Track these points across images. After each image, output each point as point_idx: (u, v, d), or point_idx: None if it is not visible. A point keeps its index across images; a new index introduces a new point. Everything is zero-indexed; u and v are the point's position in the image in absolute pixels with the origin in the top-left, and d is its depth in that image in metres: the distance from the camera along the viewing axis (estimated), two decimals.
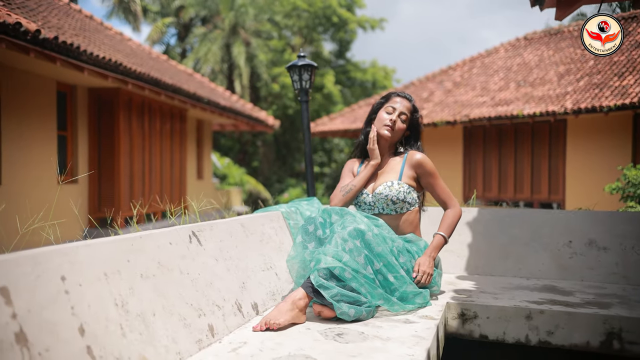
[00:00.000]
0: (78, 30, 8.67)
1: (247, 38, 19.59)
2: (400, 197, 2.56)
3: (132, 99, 9.37)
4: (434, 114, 14.22)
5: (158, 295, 1.64)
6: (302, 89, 4.14)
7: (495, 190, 13.92)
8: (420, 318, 2.16)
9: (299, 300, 2.03)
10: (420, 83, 17.01)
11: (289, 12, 19.53)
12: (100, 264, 1.46)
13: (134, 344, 1.46)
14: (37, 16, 7.46)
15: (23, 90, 7.65)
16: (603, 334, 2.23)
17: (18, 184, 7.58)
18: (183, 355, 1.63)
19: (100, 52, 7.56)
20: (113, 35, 11.21)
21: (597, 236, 2.93)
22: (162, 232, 1.80)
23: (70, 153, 8.80)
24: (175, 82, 9.28)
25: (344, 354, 1.72)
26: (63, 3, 11.19)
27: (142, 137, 9.72)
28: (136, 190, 9.42)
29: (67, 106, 8.73)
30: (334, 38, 20.59)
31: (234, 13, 19.26)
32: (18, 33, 5.91)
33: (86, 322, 1.33)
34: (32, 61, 6.94)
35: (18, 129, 7.57)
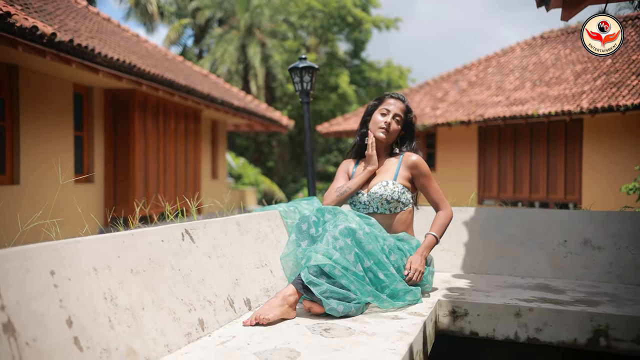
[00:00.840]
0: (94, 33, 8.83)
1: (263, 39, 19.73)
2: (395, 197, 2.61)
3: (147, 100, 9.52)
4: (448, 114, 14.19)
5: (148, 289, 1.72)
6: (303, 91, 4.22)
7: (510, 190, 13.84)
8: (408, 315, 2.21)
9: (289, 296, 2.10)
10: (435, 83, 16.98)
11: (304, 12, 19.61)
12: (89, 260, 1.54)
13: (122, 335, 1.54)
14: (54, 20, 7.63)
15: (41, 92, 7.83)
16: (590, 331, 2.27)
17: (35, 184, 7.76)
18: (171, 347, 1.71)
19: (115, 54, 7.70)
20: (129, 37, 11.39)
21: (592, 236, 2.95)
22: (154, 230, 1.88)
23: (87, 153, 8.98)
24: (189, 83, 9.41)
25: (327, 347, 1.78)
26: (81, 6, 11.40)
27: (157, 137, 9.87)
28: (151, 189, 9.57)
29: (84, 107, 8.91)
30: (348, 38, 20.63)
31: (249, 14, 19.41)
32: (34, 36, 6.07)
33: (74, 314, 1.41)
34: (49, 63, 7.10)
35: (36, 130, 7.75)
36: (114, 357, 1.48)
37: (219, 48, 19.26)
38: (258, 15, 19.56)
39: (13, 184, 7.55)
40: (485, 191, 14.50)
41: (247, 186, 15.84)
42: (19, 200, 7.30)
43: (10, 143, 7.52)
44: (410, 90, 17.13)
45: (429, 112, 14.87)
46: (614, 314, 2.25)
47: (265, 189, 16.18)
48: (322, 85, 19.96)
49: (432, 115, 14.61)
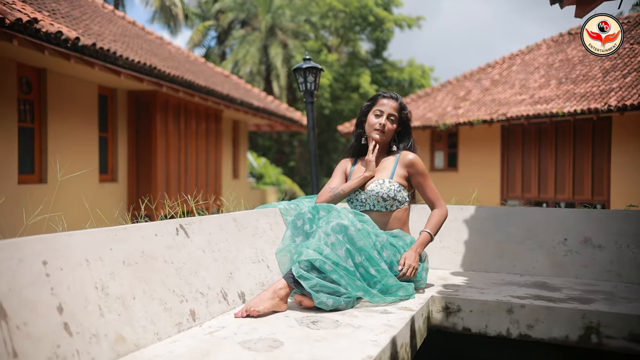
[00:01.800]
0: (118, 36, 9.06)
1: (285, 39, 19.87)
2: (391, 194, 2.66)
3: (169, 101, 9.72)
4: (470, 113, 14.10)
5: (140, 281, 1.81)
6: (307, 91, 4.30)
7: (534, 190, 13.68)
8: (398, 309, 2.27)
9: (280, 289, 2.18)
10: (457, 82, 16.88)
11: (325, 12, 19.69)
12: (82, 251, 1.64)
13: (112, 323, 1.63)
14: (80, 24, 7.86)
15: (68, 94, 8.08)
16: (582, 328, 2.29)
17: (62, 183, 7.99)
18: (161, 335, 1.80)
19: (136, 56, 7.90)
20: (153, 39, 11.63)
21: (593, 234, 2.96)
22: (148, 225, 1.97)
23: (111, 153, 9.21)
24: (209, 84, 9.57)
25: (310, 338, 1.85)
26: (107, 10, 11.69)
27: (178, 137, 10.06)
28: (172, 188, 9.77)
29: (108, 108, 9.15)
30: (370, 37, 20.63)
31: (271, 15, 19.57)
32: (59, 41, 6.29)
33: (65, 302, 1.51)
34: (74, 66, 7.32)
35: (62, 131, 8.00)
36: (103, 343, 1.57)
37: (241, 49, 19.47)
38: (280, 16, 19.71)
39: (41, 182, 7.81)
40: (508, 191, 14.37)
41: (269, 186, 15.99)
42: (47, 198, 7.53)
43: (39, 144, 7.78)
44: (432, 90, 17.06)
45: (451, 111, 14.81)
46: (606, 312, 2.27)
47: (287, 189, 16.30)
48: (344, 85, 20.01)
49: (454, 114, 14.54)
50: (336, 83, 19.67)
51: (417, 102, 16.54)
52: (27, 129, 7.61)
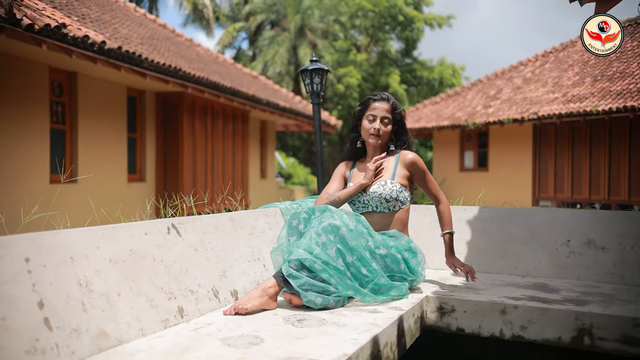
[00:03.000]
0: (146, 39, 9.27)
1: (314, 40, 19.95)
2: (394, 195, 2.68)
3: (195, 102, 9.89)
4: (500, 112, 13.91)
5: (127, 278, 1.88)
6: (313, 92, 4.33)
7: (567, 191, 13.39)
8: (388, 309, 2.29)
9: (269, 288, 2.22)
10: (488, 80, 16.65)
11: (355, 12, 19.67)
12: (66, 249, 1.72)
13: (95, 318, 1.70)
14: (108, 28, 8.08)
15: (97, 96, 8.32)
16: (574, 329, 2.27)
17: (92, 183, 8.23)
18: (146, 331, 1.86)
19: (162, 58, 8.07)
20: (182, 42, 11.84)
21: (596, 236, 2.91)
22: (138, 224, 2.04)
23: (139, 154, 9.43)
24: (235, 85, 9.70)
25: (292, 335, 1.89)
26: (139, 14, 11.96)
27: (205, 137, 10.23)
28: (199, 188, 9.94)
29: (137, 110, 9.37)
30: (400, 37, 20.52)
31: (300, 16, 19.68)
32: (86, 45, 6.48)
33: (46, 298, 1.58)
34: (103, 69, 7.52)
35: (92, 132, 8.23)
36: (84, 337, 1.64)
37: (271, 50, 19.63)
38: (309, 17, 19.80)
39: (72, 182, 8.05)
40: (540, 192, 14.11)
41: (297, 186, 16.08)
42: (77, 197, 7.76)
43: (70, 145, 8.03)
44: (462, 89, 16.88)
45: (481, 110, 14.62)
46: (599, 313, 2.24)
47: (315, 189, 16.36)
48: (373, 85, 19.96)
49: (484, 113, 14.36)
50: (365, 83, 19.64)
51: (446, 102, 16.40)
52: (58, 131, 7.86)
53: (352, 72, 18.54)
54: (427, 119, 15.64)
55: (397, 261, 2.49)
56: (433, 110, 16.24)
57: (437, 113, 15.87)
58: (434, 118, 15.49)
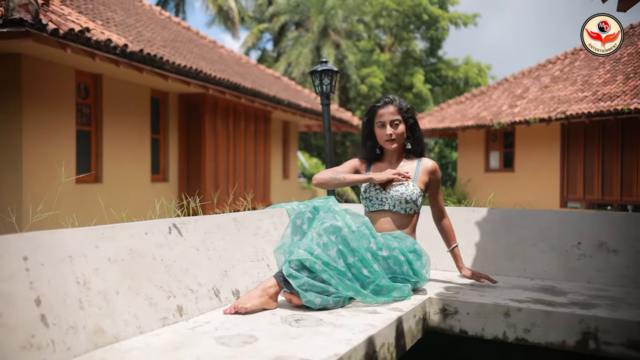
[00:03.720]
0: (169, 42, 9.41)
1: (337, 40, 19.97)
2: (414, 198, 2.70)
3: (217, 103, 10.00)
4: (526, 112, 13.70)
5: (125, 277, 1.92)
6: (323, 93, 4.34)
7: (597, 192, 13.11)
8: (388, 310, 2.29)
9: (269, 287, 2.24)
10: (514, 79, 16.41)
11: (379, 12, 19.61)
12: (65, 248, 1.76)
13: (91, 316, 1.75)
14: (131, 31, 8.23)
15: (122, 98, 8.48)
16: (579, 333, 2.24)
17: (116, 183, 8.40)
18: (144, 329, 1.90)
19: (184, 60, 8.18)
20: (205, 43, 11.98)
21: (608, 238, 2.86)
22: (138, 223, 2.08)
23: (163, 154, 9.58)
24: (256, 86, 9.78)
25: (287, 335, 1.91)
26: (163, 17, 12.14)
27: (227, 138, 10.33)
28: (221, 188, 10.04)
29: (160, 111, 9.52)
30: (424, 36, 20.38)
31: (323, 16, 19.71)
32: (109, 48, 6.62)
33: (43, 295, 1.63)
34: (126, 72, 7.66)
35: (117, 133, 8.40)
36: (81, 334, 1.69)
37: (294, 51, 19.71)
38: (332, 17, 19.82)
39: (97, 182, 8.23)
40: (569, 193, 13.85)
41: None
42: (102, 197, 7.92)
43: (95, 145, 8.20)
44: (488, 88, 16.69)
45: (506, 110, 14.43)
46: (604, 317, 2.21)
47: (338, 189, 16.36)
48: (397, 85, 19.87)
49: (510, 113, 14.17)
50: (389, 83, 19.56)
51: (471, 101, 16.24)
52: (84, 132, 8.03)
53: (375, 72, 18.49)
54: (451, 118, 15.50)
55: (399, 263, 2.49)
56: (457, 110, 16.09)
57: (461, 113, 15.72)
58: (459, 118, 15.35)
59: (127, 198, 8.00)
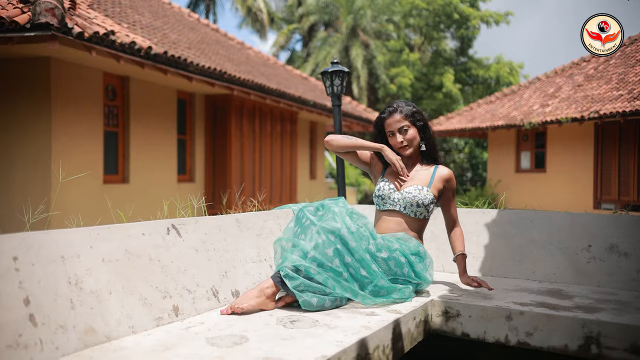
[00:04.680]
0: (195, 43, 9.52)
1: (366, 40, 19.90)
2: (426, 202, 2.67)
3: (243, 104, 10.07)
4: (558, 111, 13.40)
5: (119, 277, 1.95)
6: (334, 94, 4.32)
7: (633, 193, 12.75)
8: (387, 312, 2.27)
9: (267, 288, 2.25)
10: (547, 78, 16.08)
11: (408, 11, 19.46)
12: (57, 249, 1.80)
13: (82, 315, 1.78)
14: (157, 34, 8.36)
15: (148, 99, 8.62)
16: (582, 337, 2.18)
17: (143, 183, 8.54)
18: (136, 329, 1.93)
19: (208, 62, 8.27)
20: (233, 45, 12.08)
21: (619, 241, 2.78)
22: (136, 224, 2.11)
23: (189, 155, 9.70)
24: (282, 87, 9.82)
25: (278, 336, 1.91)
26: (192, 19, 12.30)
27: (253, 138, 10.40)
28: (247, 188, 10.12)
29: (187, 112, 9.65)
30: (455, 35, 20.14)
31: (352, 16, 19.67)
32: (133, 50, 6.74)
33: (33, 295, 1.66)
34: (152, 73, 7.79)
35: (144, 134, 8.54)
36: (70, 333, 1.72)
37: (322, 51, 19.74)
38: (361, 17, 19.77)
39: (124, 182, 8.38)
40: (602, 194, 13.50)
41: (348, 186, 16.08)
42: (129, 197, 8.08)
43: (122, 146, 8.36)
44: (519, 87, 16.39)
45: (538, 110, 14.15)
46: (607, 322, 2.15)
47: (366, 190, 16.30)
48: (426, 85, 19.68)
49: (541, 112, 13.88)
50: (418, 83, 19.39)
51: (501, 101, 15.98)
52: (111, 133, 8.20)
53: (404, 71, 18.36)
54: (481, 118, 15.28)
55: (400, 264, 2.46)
56: (487, 109, 15.85)
57: (491, 112, 15.49)
58: (488, 118, 15.11)
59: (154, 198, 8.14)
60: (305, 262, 2.23)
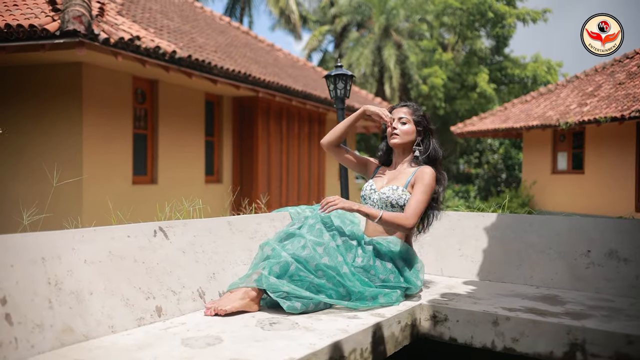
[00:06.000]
0: (223, 47, 9.66)
1: (399, 40, 19.78)
2: (400, 203, 2.65)
3: (270, 106, 10.17)
4: (597, 110, 13.02)
5: (101, 278, 2.02)
6: (337, 97, 4.32)
7: None
8: (370, 315, 2.27)
9: (251, 290, 2.28)
10: (585, 76, 15.63)
11: (442, 10, 19.23)
12: (38, 250, 1.87)
13: (61, 315, 1.85)
14: (184, 38, 8.52)
15: (177, 102, 8.80)
16: (567, 344, 2.14)
17: (171, 184, 8.72)
18: (116, 329, 1.99)
19: (233, 65, 8.38)
20: (262, 47, 12.20)
21: (619, 246, 2.71)
22: (121, 227, 2.18)
23: (217, 156, 9.85)
24: (308, 89, 9.87)
25: (252, 338, 1.94)
26: (223, 22, 12.47)
27: (280, 140, 10.48)
28: (273, 189, 10.20)
29: (215, 114, 9.80)
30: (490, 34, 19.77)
31: (385, 16, 19.58)
32: (158, 55, 6.89)
33: (10, 295, 1.74)
34: (180, 77, 7.95)
35: (172, 136, 8.72)
36: (47, 332, 1.79)
37: (355, 52, 19.71)
38: (394, 17, 19.66)
39: (152, 183, 8.58)
40: None
41: None
42: (157, 197, 8.26)
43: (151, 148, 8.56)
44: (556, 86, 15.99)
45: (575, 109, 13.78)
46: (593, 329, 2.10)
47: None
48: (460, 85, 19.40)
49: (579, 112, 13.51)
50: (451, 83, 19.13)
51: (537, 100, 15.63)
52: (141, 135, 8.40)
53: (437, 72, 18.15)
54: (515, 118, 14.99)
55: (387, 270, 2.47)
56: (522, 109, 15.53)
57: (526, 112, 15.17)
58: (523, 118, 14.81)
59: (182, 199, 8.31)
60: (285, 282, 2.25)
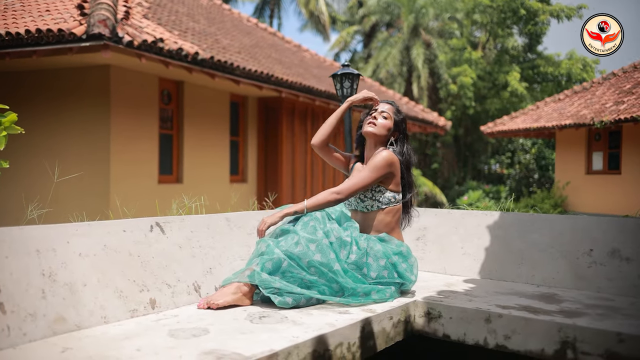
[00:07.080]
0: (247, 48, 9.78)
1: (428, 39, 19.63)
2: (368, 194, 2.65)
3: (295, 106, 10.23)
4: (634, 109, 12.65)
5: (95, 271, 2.09)
6: (343, 96, 4.33)
7: None
8: (361, 311, 2.29)
9: (243, 286, 2.33)
10: (623, 73, 15.21)
11: (472, 9, 18.96)
12: (33, 243, 1.95)
13: (54, 305, 1.92)
14: (208, 40, 8.66)
15: (202, 103, 8.95)
16: (558, 342, 2.13)
17: (196, 183, 8.87)
18: (109, 319, 2.06)
19: (257, 66, 8.47)
20: (289, 48, 12.29)
21: (622, 245, 2.66)
22: (116, 221, 2.25)
23: (242, 156, 9.97)
24: (331, 89, 9.89)
25: (238, 331, 1.98)
26: (250, 24, 12.60)
27: (304, 140, 10.54)
28: (297, 189, 10.27)
29: (240, 114, 9.93)
30: (522, 31, 19.39)
31: (414, 15, 19.44)
32: (180, 56, 7.03)
33: (4, 285, 1.82)
34: (204, 78, 8.08)
35: (197, 136, 8.87)
36: (40, 321, 1.87)
37: (383, 52, 19.63)
38: (423, 16, 19.50)
39: (177, 182, 8.74)
40: None
41: None
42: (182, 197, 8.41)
43: (177, 148, 8.72)
44: (591, 84, 15.61)
45: (611, 107, 13.43)
46: (584, 327, 2.08)
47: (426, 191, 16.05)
48: (490, 84, 19.09)
49: (615, 110, 13.17)
50: (481, 82, 18.84)
51: (571, 98, 15.29)
52: (166, 135, 8.57)
53: (466, 70, 17.91)
54: (547, 117, 14.70)
55: (381, 266, 2.48)
56: (555, 108, 15.21)
57: (559, 111, 14.85)
58: (555, 117, 14.50)
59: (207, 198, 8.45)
60: (278, 280, 2.28)
